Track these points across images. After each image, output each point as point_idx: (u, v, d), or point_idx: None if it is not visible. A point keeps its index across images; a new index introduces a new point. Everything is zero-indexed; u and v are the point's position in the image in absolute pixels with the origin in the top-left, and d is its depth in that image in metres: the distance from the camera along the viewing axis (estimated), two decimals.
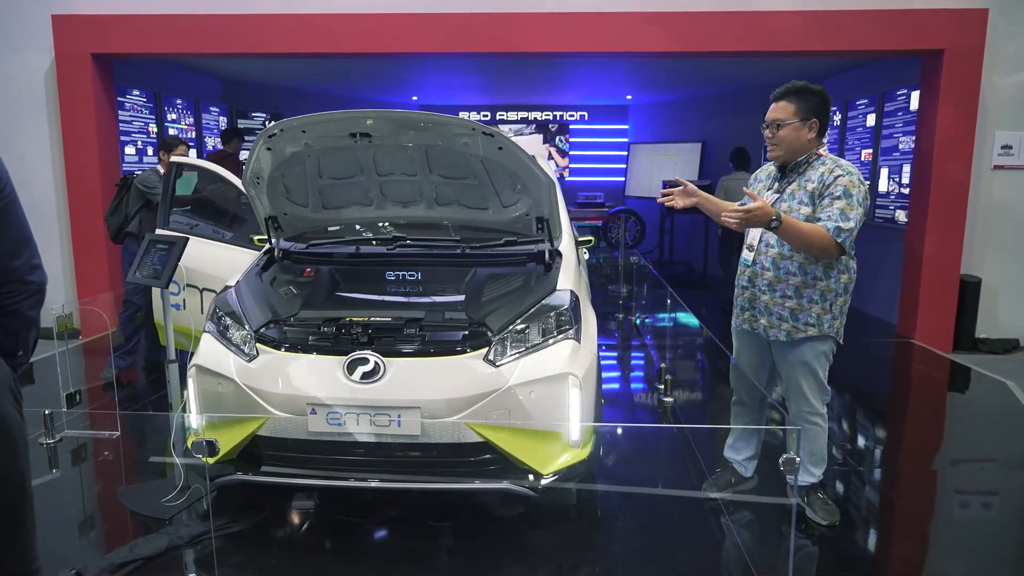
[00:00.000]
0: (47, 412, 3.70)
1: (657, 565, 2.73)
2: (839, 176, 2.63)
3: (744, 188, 2.78)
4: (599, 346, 5.81)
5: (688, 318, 6.02)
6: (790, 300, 2.75)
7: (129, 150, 6.79)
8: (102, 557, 2.61)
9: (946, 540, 3.03)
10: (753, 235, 2.85)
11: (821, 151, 2.77)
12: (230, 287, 3.15)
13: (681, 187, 2.81)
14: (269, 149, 3.01)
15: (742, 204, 2.72)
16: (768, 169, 2.97)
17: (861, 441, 4.13)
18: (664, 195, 2.84)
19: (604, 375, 5.36)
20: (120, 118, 6.57)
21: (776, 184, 2.84)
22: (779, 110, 2.72)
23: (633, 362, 5.95)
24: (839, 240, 2.56)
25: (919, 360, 5.65)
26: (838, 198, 2.60)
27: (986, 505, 3.36)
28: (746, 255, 2.89)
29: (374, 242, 3.59)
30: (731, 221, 2.57)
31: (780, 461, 1.97)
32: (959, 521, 3.21)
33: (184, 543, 2.72)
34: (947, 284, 5.89)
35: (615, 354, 6.18)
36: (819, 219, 2.61)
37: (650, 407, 4.64)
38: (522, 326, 2.78)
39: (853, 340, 2.81)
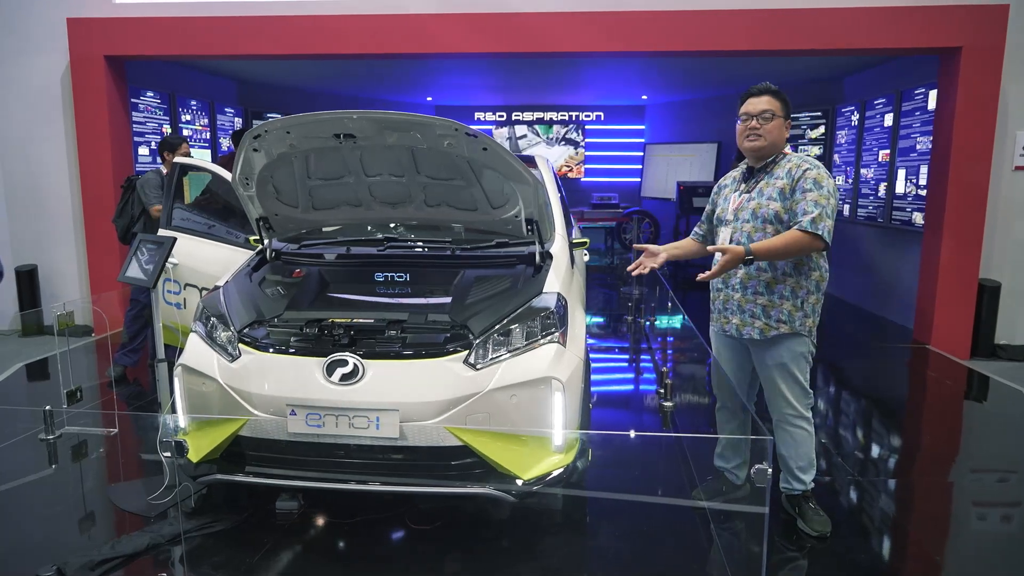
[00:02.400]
0: (47, 408, 3.76)
1: (639, 573, 2.68)
2: (807, 169, 2.64)
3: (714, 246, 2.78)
4: (612, 348, 5.72)
5: (687, 321, 5.93)
6: (761, 296, 2.73)
7: (143, 151, 6.90)
8: (83, 554, 2.63)
9: (955, 554, 2.91)
10: (723, 236, 2.82)
11: (786, 150, 2.78)
12: (219, 287, 3.16)
13: (644, 253, 2.85)
14: (256, 150, 3.02)
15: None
16: (732, 175, 2.95)
17: (872, 450, 4.01)
18: (632, 269, 2.87)
19: (607, 378, 5.33)
20: (134, 119, 6.68)
21: (743, 185, 2.83)
22: (768, 103, 2.69)
23: (637, 365, 5.88)
24: (818, 231, 2.51)
25: (934, 367, 5.49)
26: (809, 190, 2.59)
27: (1006, 518, 3.22)
28: (719, 257, 2.81)
29: (384, 242, 3.56)
30: (709, 277, 2.61)
31: (752, 472, 1.91)
32: (976, 534, 3.10)
33: (165, 541, 2.73)
34: (965, 288, 5.73)
35: (625, 356, 6.13)
36: (795, 214, 2.59)
37: (650, 411, 4.57)
38: (505, 329, 2.74)
39: (867, 345, 2.76)
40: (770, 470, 1.90)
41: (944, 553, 2.91)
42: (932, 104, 6.08)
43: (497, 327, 2.74)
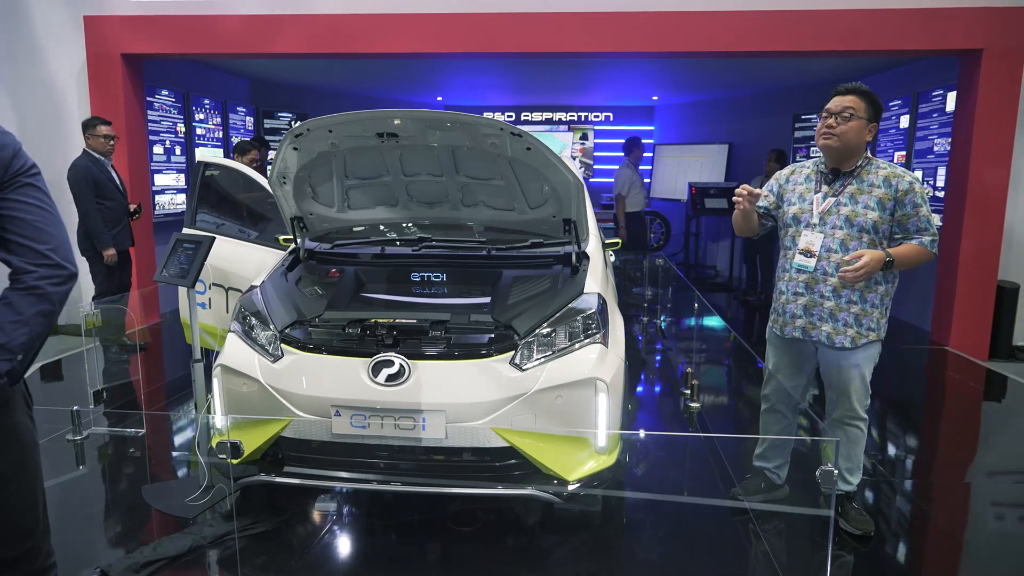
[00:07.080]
0: (75, 409, 3.73)
1: (683, 575, 2.67)
2: (912, 182, 2.63)
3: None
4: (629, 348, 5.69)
5: (714, 321, 5.92)
6: (855, 305, 2.70)
7: (157, 149, 6.86)
8: (126, 556, 2.61)
9: (982, 554, 2.92)
10: (811, 239, 2.71)
11: (867, 154, 2.73)
12: (255, 287, 3.14)
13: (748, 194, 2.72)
14: (296, 149, 3.00)
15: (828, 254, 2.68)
16: (805, 171, 2.85)
17: (892, 451, 4.01)
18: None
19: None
20: (149, 118, 6.64)
21: (824, 187, 2.74)
22: (852, 101, 2.63)
23: (658, 366, 5.87)
24: (935, 252, 2.66)
25: (953, 368, 5.49)
26: (919, 205, 2.62)
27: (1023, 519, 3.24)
28: (803, 260, 2.73)
29: (398, 243, 3.56)
30: (851, 278, 2.55)
31: (817, 473, 1.90)
32: (996, 535, 3.10)
33: (207, 543, 2.71)
34: (984, 290, 5.73)
35: (640, 358, 6.10)
36: (907, 228, 2.63)
37: (675, 412, 4.56)
38: (549, 330, 2.73)
39: (885, 346, 2.76)
40: (836, 472, 1.89)
41: (977, 552, 2.91)
42: (950, 106, 6.09)
43: (541, 328, 2.73)
